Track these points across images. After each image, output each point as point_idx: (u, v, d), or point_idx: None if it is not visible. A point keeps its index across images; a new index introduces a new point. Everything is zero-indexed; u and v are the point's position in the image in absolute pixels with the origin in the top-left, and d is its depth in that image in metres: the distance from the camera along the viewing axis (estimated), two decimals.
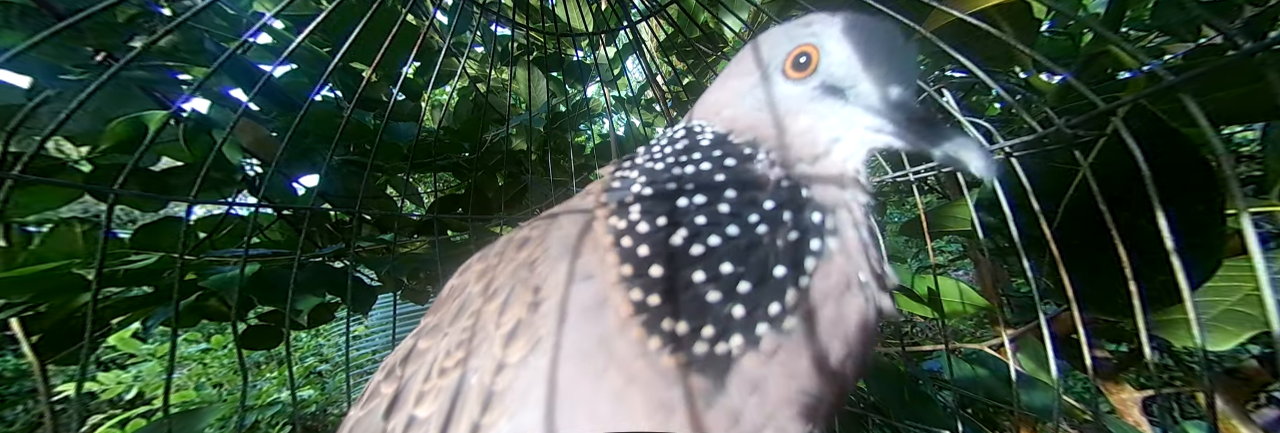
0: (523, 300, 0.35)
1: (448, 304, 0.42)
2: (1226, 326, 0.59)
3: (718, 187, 0.37)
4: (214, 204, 1.13)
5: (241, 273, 0.74)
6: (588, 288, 0.35)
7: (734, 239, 0.35)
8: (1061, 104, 0.69)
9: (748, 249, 0.34)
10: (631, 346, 0.33)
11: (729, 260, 0.34)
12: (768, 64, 0.40)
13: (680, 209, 0.36)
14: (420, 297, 1.32)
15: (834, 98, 0.38)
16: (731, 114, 0.42)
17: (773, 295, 0.33)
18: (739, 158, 0.39)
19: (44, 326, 0.84)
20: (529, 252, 0.39)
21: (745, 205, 0.36)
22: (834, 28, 0.38)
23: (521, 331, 0.34)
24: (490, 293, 0.38)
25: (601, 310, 0.34)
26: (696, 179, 0.38)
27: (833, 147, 0.38)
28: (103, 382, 2.69)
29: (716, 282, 0.33)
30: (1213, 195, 0.53)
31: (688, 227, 0.35)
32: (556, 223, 0.41)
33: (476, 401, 0.33)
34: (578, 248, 0.37)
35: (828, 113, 0.38)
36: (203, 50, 0.93)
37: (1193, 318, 0.39)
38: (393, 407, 0.38)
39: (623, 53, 1.51)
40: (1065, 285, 0.51)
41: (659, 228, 0.36)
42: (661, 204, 0.37)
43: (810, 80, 0.39)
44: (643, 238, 0.36)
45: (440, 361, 0.37)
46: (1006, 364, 1.01)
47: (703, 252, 0.34)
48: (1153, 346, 0.44)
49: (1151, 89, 0.44)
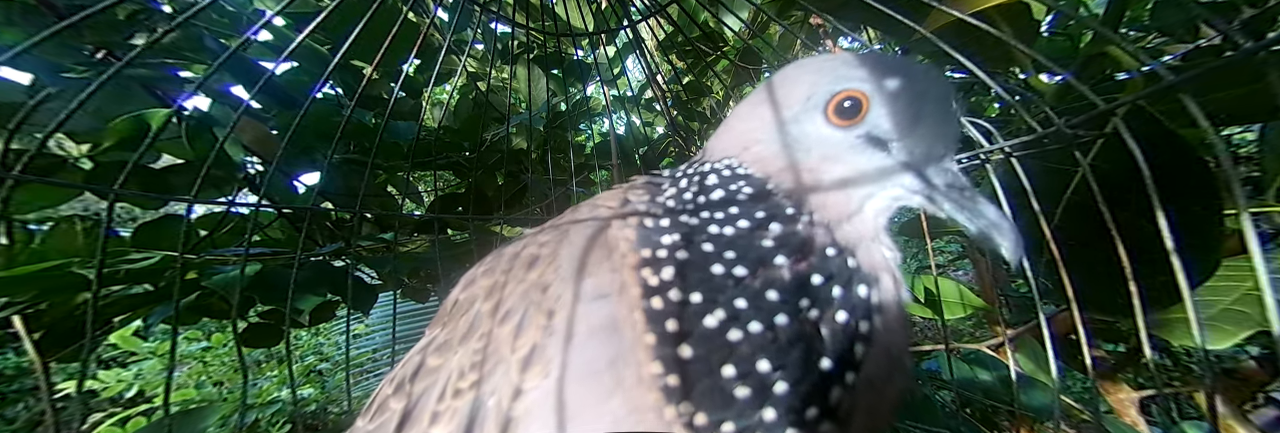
0: (537, 325, 0.35)
1: (456, 320, 0.41)
2: (1224, 325, 0.59)
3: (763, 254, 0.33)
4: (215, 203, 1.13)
5: (242, 272, 0.74)
6: (601, 308, 0.33)
7: (778, 329, 0.31)
8: (1061, 104, 0.69)
9: (790, 343, 0.30)
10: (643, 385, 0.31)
11: (767, 357, 0.30)
12: (808, 100, 0.37)
13: (717, 281, 0.33)
14: (421, 295, 1.32)
15: (876, 150, 0.35)
16: (763, 152, 0.39)
17: (814, 399, 0.30)
18: (783, 219, 0.35)
19: (45, 323, 0.84)
20: (540, 272, 0.38)
21: (794, 288, 0.32)
22: (890, 77, 0.35)
23: (537, 356, 0.34)
24: (502, 315, 0.37)
25: (613, 332, 0.33)
26: (737, 246, 0.34)
27: (866, 203, 0.36)
28: (103, 380, 2.69)
29: (747, 379, 0.30)
30: (1211, 196, 0.53)
31: (726, 308, 0.31)
32: (567, 240, 0.39)
33: (495, 425, 0.33)
34: (590, 267, 0.36)
35: (867, 167, 0.35)
36: (204, 48, 0.93)
37: (1193, 318, 0.39)
38: (404, 424, 0.37)
39: (623, 52, 1.51)
40: (1065, 286, 0.51)
41: (693, 303, 0.32)
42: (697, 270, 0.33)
43: (855, 129, 0.36)
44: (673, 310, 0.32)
45: (454, 381, 0.36)
46: (1005, 364, 1.02)
47: (739, 339, 0.31)
48: (1152, 346, 0.44)
49: (1151, 89, 0.44)
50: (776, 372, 0.30)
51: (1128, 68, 0.68)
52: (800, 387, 0.30)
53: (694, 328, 0.31)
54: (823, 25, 1.35)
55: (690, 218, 0.37)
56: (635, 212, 0.39)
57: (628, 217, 0.38)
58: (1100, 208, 0.47)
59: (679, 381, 0.30)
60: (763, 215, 0.36)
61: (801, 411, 0.30)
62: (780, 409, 0.30)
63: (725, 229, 0.35)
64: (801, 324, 0.31)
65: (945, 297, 1.02)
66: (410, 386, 0.39)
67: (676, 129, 1.47)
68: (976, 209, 0.32)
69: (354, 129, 1.10)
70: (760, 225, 0.35)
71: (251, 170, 1.04)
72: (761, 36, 1.39)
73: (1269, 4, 0.75)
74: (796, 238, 0.34)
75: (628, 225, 0.38)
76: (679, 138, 1.47)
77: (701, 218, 0.37)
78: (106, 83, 0.40)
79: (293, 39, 0.53)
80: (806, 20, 1.34)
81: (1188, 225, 0.49)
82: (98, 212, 1.22)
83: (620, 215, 0.39)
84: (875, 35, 1.13)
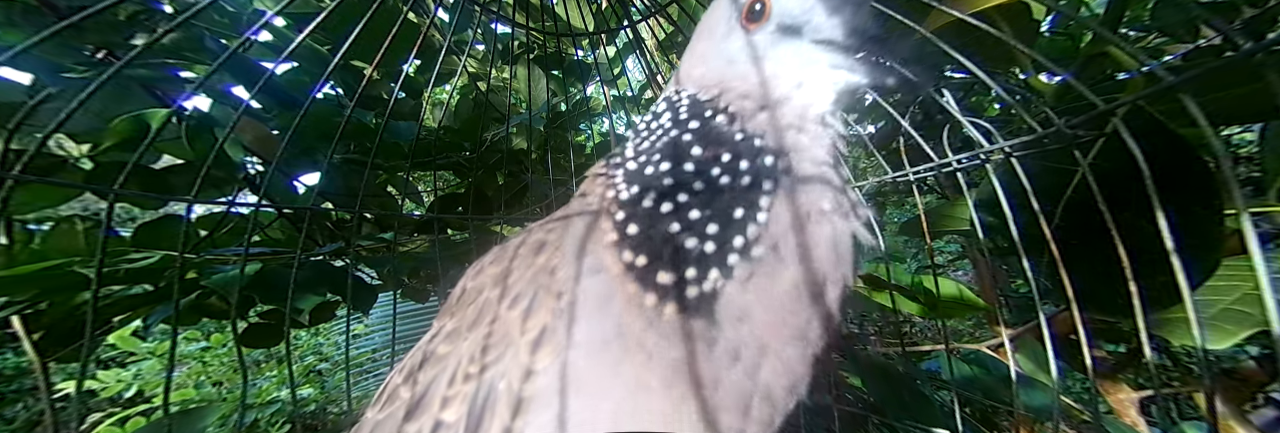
0: (547, 307, 0.36)
1: (464, 309, 0.42)
2: (1224, 324, 0.59)
3: (685, 150, 0.41)
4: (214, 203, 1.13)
5: (242, 272, 0.74)
6: (598, 280, 0.37)
7: (699, 192, 0.38)
8: (1061, 104, 0.69)
9: (712, 197, 0.38)
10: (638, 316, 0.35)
11: (696, 208, 0.38)
12: (728, 20, 0.43)
13: (654, 176, 0.40)
14: (420, 295, 1.32)
15: (791, 38, 0.40)
16: (701, 73, 0.45)
17: (735, 231, 0.37)
18: (702, 119, 0.42)
19: (44, 324, 0.84)
20: (547, 257, 0.40)
21: (708, 162, 0.39)
22: None
23: (547, 337, 0.35)
24: (511, 299, 0.39)
25: (613, 299, 0.36)
26: (670, 147, 0.41)
27: (794, 91, 0.41)
28: (102, 380, 2.69)
29: (690, 229, 0.37)
30: (1212, 196, 0.53)
31: (658, 190, 0.39)
32: (571, 226, 0.42)
33: (506, 406, 0.34)
34: (588, 246, 0.39)
35: (788, 55, 0.40)
36: (204, 48, 0.93)
37: (1193, 318, 0.39)
38: (414, 410, 0.38)
39: (623, 52, 1.51)
40: (1065, 285, 0.51)
41: (638, 195, 0.39)
42: (641, 176, 0.41)
43: (766, 26, 0.41)
44: (628, 206, 0.39)
45: (464, 366, 0.37)
46: (1005, 365, 1.02)
47: (673, 207, 0.38)
48: (1152, 346, 0.44)
49: (1151, 89, 0.44)
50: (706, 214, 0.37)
51: (1128, 68, 0.68)
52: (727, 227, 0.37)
53: (643, 212, 0.39)
54: None
55: (642, 142, 0.44)
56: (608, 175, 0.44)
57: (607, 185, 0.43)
58: (1100, 208, 0.47)
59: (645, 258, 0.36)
60: (686, 117, 0.42)
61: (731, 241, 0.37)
62: (717, 242, 0.37)
63: (663, 139, 0.42)
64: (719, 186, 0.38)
65: (945, 297, 1.02)
66: (419, 374, 0.40)
67: None
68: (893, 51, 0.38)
69: (354, 129, 1.10)
70: (684, 127, 0.42)
71: (252, 171, 1.04)
72: None
73: (1269, 4, 0.75)
74: (714, 132, 0.41)
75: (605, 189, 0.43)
76: None
77: (649, 139, 0.44)
78: (107, 83, 0.40)
79: (293, 39, 0.53)
80: None
81: (1188, 225, 0.49)
82: (98, 212, 1.22)
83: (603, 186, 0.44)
84: None
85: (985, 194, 0.75)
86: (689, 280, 0.36)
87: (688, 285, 0.35)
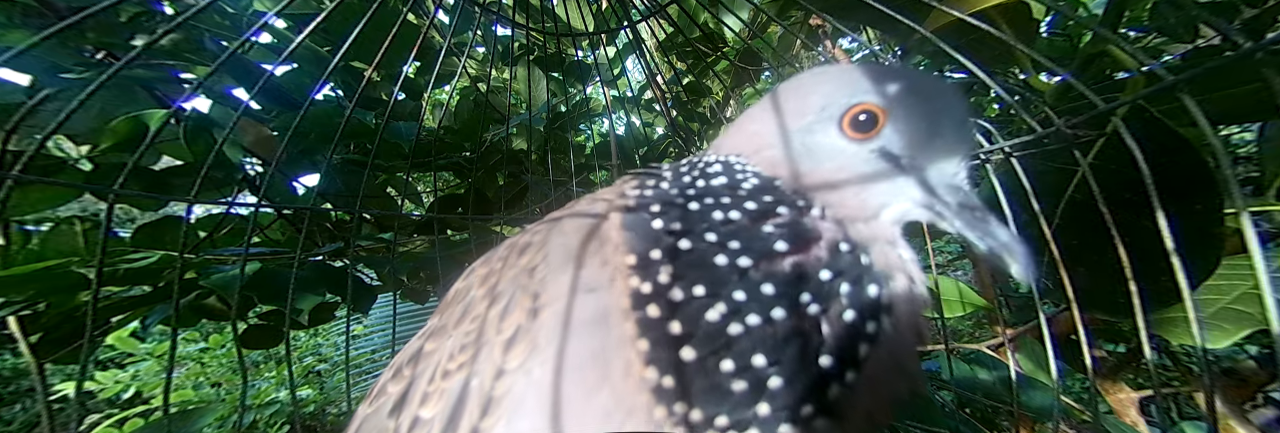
0: (522, 307, 0.35)
1: (453, 307, 0.42)
2: (1223, 324, 0.59)
3: (764, 242, 0.32)
4: (214, 204, 1.13)
5: (241, 272, 0.74)
6: (590, 301, 0.33)
7: (776, 323, 0.30)
8: (1061, 104, 0.69)
9: (789, 337, 0.30)
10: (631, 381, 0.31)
11: (763, 351, 0.29)
12: (823, 111, 0.37)
13: (720, 273, 0.31)
14: (420, 296, 1.32)
15: (890, 165, 0.35)
16: (775, 156, 0.38)
17: (809, 395, 0.29)
18: (791, 207, 0.34)
19: (43, 324, 0.84)
20: (529, 257, 0.38)
21: (796, 279, 0.31)
22: (907, 93, 0.35)
23: (520, 337, 0.34)
24: (493, 298, 0.38)
25: (602, 325, 0.32)
26: (740, 234, 0.33)
27: (882, 211, 0.36)
28: (100, 381, 2.68)
29: (744, 373, 0.29)
30: (1211, 195, 0.53)
31: (727, 302, 0.30)
32: (559, 228, 0.39)
33: (477, 405, 0.33)
34: (581, 258, 0.35)
35: (881, 179, 0.35)
36: (204, 49, 0.93)
37: (1193, 318, 0.39)
38: (399, 406, 0.38)
39: (623, 53, 1.51)
40: (1065, 285, 0.51)
41: (695, 297, 0.31)
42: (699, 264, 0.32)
43: (870, 143, 0.35)
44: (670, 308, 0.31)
45: (444, 363, 0.37)
46: (1005, 364, 1.02)
47: (739, 333, 0.30)
48: (1152, 346, 0.44)
49: (1151, 89, 0.44)
50: (772, 367, 0.29)
51: (1128, 68, 0.68)
52: (796, 383, 0.29)
53: (696, 325, 0.30)
54: (823, 26, 1.35)
55: (692, 203, 0.36)
56: (631, 202, 0.38)
57: (623, 208, 0.38)
58: (1100, 208, 0.47)
59: (674, 382, 0.29)
60: (770, 200, 0.35)
61: (797, 407, 0.29)
62: (775, 405, 0.29)
63: (730, 214, 0.34)
64: (800, 319, 0.30)
65: (945, 296, 1.02)
66: (408, 370, 0.40)
67: (676, 130, 1.47)
68: (988, 229, 0.32)
69: (354, 130, 1.10)
70: (765, 212, 0.34)
71: (251, 171, 1.04)
72: (761, 37, 1.39)
73: (1268, 4, 0.75)
74: (802, 228, 0.34)
75: (621, 215, 0.37)
76: (679, 138, 1.47)
77: (704, 204, 0.35)
78: (106, 84, 0.40)
79: (293, 41, 0.53)
80: (806, 21, 1.34)
81: (1188, 225, 0.50)
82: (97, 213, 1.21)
83: (616, 207, 0.38)
84: (875, 36, 1.13)
85: (985, 194, 0.75)
86: (716, 428, 0.30)
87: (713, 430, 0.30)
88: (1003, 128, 0.63)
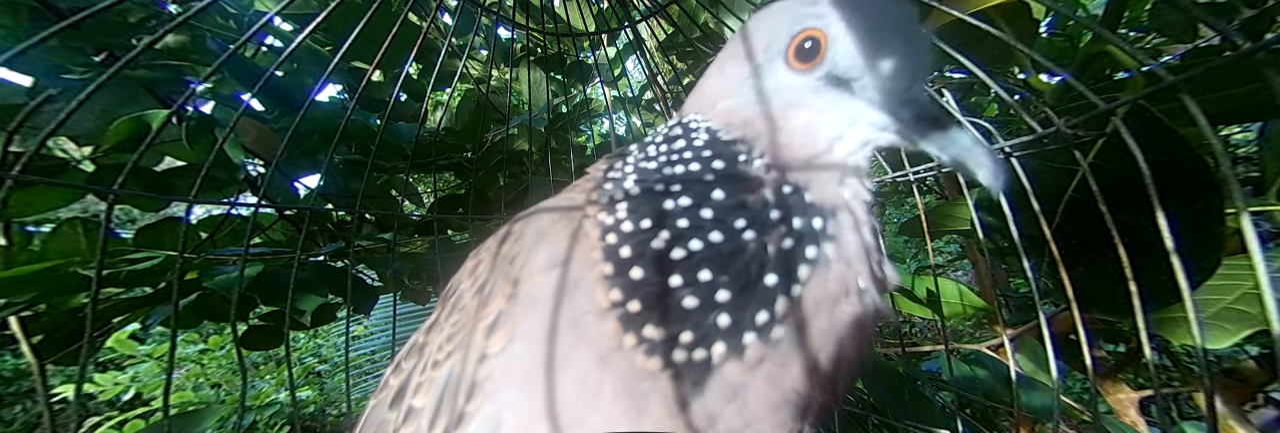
0: (503, 293, 0.36)
1: (446, 301, 0.44)
2: (1224, 324, 0.59)
3: (705, 188, 0.36)
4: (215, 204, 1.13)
5: (242, 273, 0.74)
6: (559, 272, 0.35)
7: (716, 245, 0.33)
8: (1061, 104, 0.69)
9: (730, 256, 0.33)
10: (605, 335, 0.33)
11: (708, 267, 0.33)
12: (769, 48, 0.37)
13: (666, 211, 0.35)
14: (421, 297, 1.32)
15: (839, 91, 0.35)
16: (728, 106, 0.39)
17: (759, 305, 0.32)
18: (729, 159, 0.37)
19: (43, 325, 0.84)
20: (509, 246, 0.40)
21: (731, 210, 0.34)
22: (846, 9, 0.33)
23: (501, 322, 0.35)
24: (477, 288, 0.39)
25: (573, 295, 0.34)
26: (685, 180, 0.37)
27: (835, 145, 0.36)
28: (100, 383, 2.69)
29: (693, 288, 0.32)
30: (1211, 195, 0.53)
31: (670, 229, 0.34)
32: (535, 216, 0.41)
33: (463, 390, 0.34)
34: (551, 235, 0.37)
35: (831, 108, 0.35)
36: (207, 50, 0.93)
37: (1193, 318, 0.39)
38: (397, 398, 0.40)
39: (623, 53, 1.51)
40: (1065, 285, 0.51)
41: (643, 229, 0.35)
42: (648, 205, 0.36)
43: (815, 71, 0.35)
44: (626, 238, 0.35)
45: (433, 354, 0.39)
46: (1005, 365, 1.02)
47: (683, 256, 0.33)
48: (1152, 346, 0.44)
49: (1150, 89, 0.44)
50: (719, 277, 0.33)
51: (1127, 68, 0.68)
52: (745, 296, 0.32)
53: (644, 250, 0.34)
54: None
55: (648, 163, 0.39)
56: (600, 182, 0.40)
57: (593, 190, 0.40)
58: (1100, 208, 0.47)
59: (638, 304, 0.32)
60: (710, 154, 0.37)
61: (752, 316, 0.32)
62: (733, 315, 0.32)
63: (676, 169, 0.37)
64: (742, 242, 0.33)
65: (945, 297, 1.02)
66: (406, 363, 0.42)
67: None
68: (948, 137, 0.31)
69: (355, 130, 1.10)
70: (706, 162, 0.37)
71: (253, 172, 1.04)
72: None
73: (1268, 4, 0.75)
74: (740, 175, 0.36)
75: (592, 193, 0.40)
76: None
77: (659, 161, 0.39)
78: (109, 84, 0.40)
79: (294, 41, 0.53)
80: None
81: (1188, 225, 0.49)
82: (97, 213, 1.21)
83: (587, 190, 0.41)
84: None
85: (985, 194, 0.75)
86: (682, 345, 0.32)
87: (678, 349, 0.32)
88: (1003, 128, 0.63)
